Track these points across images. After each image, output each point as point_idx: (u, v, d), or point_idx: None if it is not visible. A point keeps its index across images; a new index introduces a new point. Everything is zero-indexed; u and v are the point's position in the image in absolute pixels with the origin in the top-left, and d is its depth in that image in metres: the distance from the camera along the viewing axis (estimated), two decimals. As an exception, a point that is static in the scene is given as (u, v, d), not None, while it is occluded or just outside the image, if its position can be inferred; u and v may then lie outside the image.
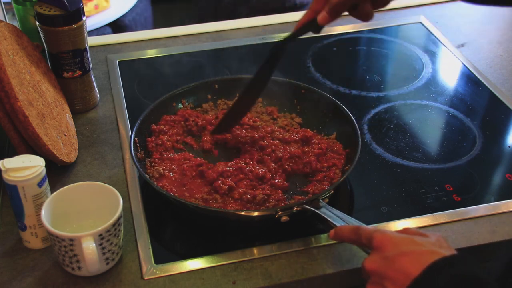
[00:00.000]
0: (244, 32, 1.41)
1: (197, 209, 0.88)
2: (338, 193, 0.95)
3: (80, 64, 1.08)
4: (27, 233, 0.84)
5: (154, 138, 1.01)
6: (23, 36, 1.02)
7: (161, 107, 1.06)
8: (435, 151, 1.06)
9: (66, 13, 1.01)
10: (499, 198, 0.95)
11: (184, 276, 0.82)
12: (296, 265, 0.84)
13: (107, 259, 0.80)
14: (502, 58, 1.31)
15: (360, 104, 1.17)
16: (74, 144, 1.02)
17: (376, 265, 0.68)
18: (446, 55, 1.34)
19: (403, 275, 0.64)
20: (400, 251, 0.67)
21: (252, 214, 0.86)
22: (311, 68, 1.29)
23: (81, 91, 1.12)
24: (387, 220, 0.91)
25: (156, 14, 2.64)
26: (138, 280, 0.81)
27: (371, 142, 1.07)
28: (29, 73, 0.97)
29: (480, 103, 1.18)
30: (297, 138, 1.01)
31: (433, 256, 0.64)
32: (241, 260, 0.84)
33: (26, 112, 0.88)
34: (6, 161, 0.80)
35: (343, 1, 0.83)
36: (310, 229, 0.89)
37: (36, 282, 0.81)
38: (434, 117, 1.15)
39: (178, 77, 1.25)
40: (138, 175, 0.98)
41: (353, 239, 0.75)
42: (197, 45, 1.36)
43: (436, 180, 0.99)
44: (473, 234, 0.89)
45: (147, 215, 0.91)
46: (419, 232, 0.71)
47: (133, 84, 1.22)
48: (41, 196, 0.81)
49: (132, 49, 1.34)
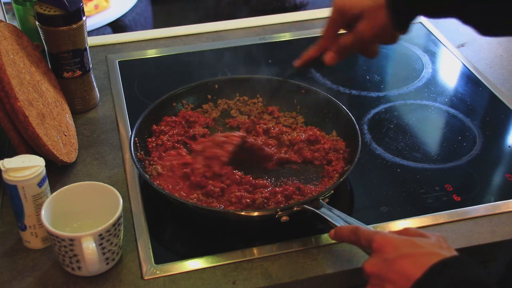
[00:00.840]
0: (244, 32, 1.41)
1: (197, 209, 0.88)
2: (338, 193, 0.95)
3: (80, 64, 1.08)
4: (27, 233, 0.84)
5: (155, 138, 1.01)
6: (23, 36, 1.02)
7: (161, 107, 1.06)
8: (435, 151, 1.06)
9: (66, 13, 1.01)
10: (499, 198, 0.95)
11: (184, 276, 0.82)
12: (296, 265, 0.83)
13: (107, 259, 0.80)
14: (502, 58, 1.31)
15: (360, 104, 1.17)
16: (74, 144, 1.02)
17: (377, 268, 0.68)
18: (446, 55, 1.34)
19: (403, 278, 0.64)
20: (400, 253, 0.67)
21: (252, 214, 0.86)
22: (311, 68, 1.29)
23: (81, 91, 1.12)
24: (387, 220, 0.91)
25: (156, 14, 2.64)
26: (138, 280, 0.81)
27: (371, 142, 1.07)
28: (29, 73, 0.97)
29: (480, 103, 1.18)
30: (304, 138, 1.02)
31: (434, 258, 0.64)
32: (241, 260, 0.84)
33: (26, 112, 0.88)
34: (6, 161, 0.80)
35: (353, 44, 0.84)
36: (310, 229, 0.89)
37: (36, 282, 0.81)
38: (434, 117, 1.15)
39: (178, 77, 1.25)
40: (138, 175, 0.98)
41: (353, 240, 0.75)
42: (197, 45, 1.36)
43: (436, 180, 0.99)
44: (473, 234, 0.89)
45: (147, 215, 0.91)
46: (419, 233, 0.71)
47: (133, 84, 1.22)
48: (41, 196, 0.81)
49: (132, 49, 1.34)
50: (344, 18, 0.84)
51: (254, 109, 1.11)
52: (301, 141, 1.02)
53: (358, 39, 0.83)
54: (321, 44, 0.88)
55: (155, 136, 1.02)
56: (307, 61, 0.90)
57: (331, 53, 0.86)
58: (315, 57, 0.89)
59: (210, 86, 1.11)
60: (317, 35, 1.41)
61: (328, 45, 0.87)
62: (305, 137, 1.02)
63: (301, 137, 1.02)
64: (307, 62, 0.90)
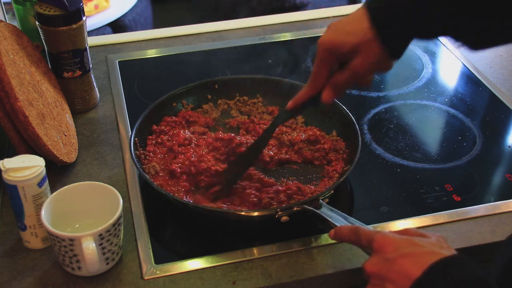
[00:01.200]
0: (244, 32, 1.41)
1: (197, 209, 0.88)
2: (338, 193, 0.95)
3: (80, 64, 1.08)
4: (27, 233, 0.84)
5: (155, 137, 1.01)
6: (23, 36, 1.02)
7: (161, 107, 1.06)
8: (435, 151, 1.06)
9: (66, 13, 1.01)
10: (499, 198, 0.95)
11: (184, 276, 0.82)
12: (296, 265, 0.83)
13: (107, 259, 0.80)
14: (502, 58, 1.31)
15: (360, 104, 1.17)
16: (74, 144, 1.02)
17: (377, 268, 0.68)
18: (446, 55, 1.34)
19: (403, 277, 0.64)
20: (400, 253, 0.67)
21: (252, 214, 0.86)
22: (311, 68, 1.29)
23: (81, 91, 1.12)
24: (387, 220, 0.91)
25: (156, 14, 2.64)
26: (138, 280, 0.81)
27: (371, 142, 1.07)
28: (29, 73, 0.97)
29: (480, 103, 1.18)
30: (304, 138, 1.02)
31: (433, 257, 0.64)
32: (241, 260, 0.84)
33: (26, 112, 0.88)
34: (6, 161, 0.80)
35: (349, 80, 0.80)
36: (310, 229, 0.89)
37: (36, 282, 0.81)
38: (434, 117, 1.15)
39: (178, 77, 1.25)
40: (138, 175, 0.98)
41: (353, 240, 0.75)
42: (197, 45, 1.36)
43: (436, 180, 0.99)
44: (473, 234, 0.89)
45: (147, 215, 0.91)
46: (419, 233, 0.71)
47: (133, 84, 1.22)
48: (41, 196, 0.81)
49: (132, 49, 1.34)
50: (333, 57, 0.79)
51: (254, 109, 1.11)
52: (301, 141, 1.02)
53: (353, 75, 0.79)
54: (314, 84, 0.84)
55: (155, 136, 1.02)
56: (300, 103, 0.87)
57: (327, 92, 0.82)
58: (309, 98, 0.85)
59: (210, 86, 1.11)
60: (317, 35, 1.42)
61: (321, 84, 0.83)
62: (305, 137, 1.02)
63: (301, 137, 1.02)
64: (303, 104, 0.87)
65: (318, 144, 1.01)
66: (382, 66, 0.79)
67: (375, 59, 0.77)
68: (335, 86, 0.82)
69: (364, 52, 0.76)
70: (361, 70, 0.78)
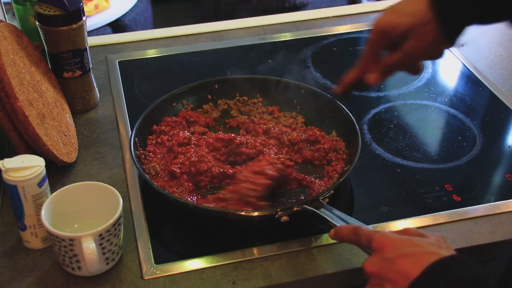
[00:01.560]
0: (244, 32, 1.41)
1: (197, 209, 0.88)
2: (338, 193, 0.95)
3: (80, 64, 1.08)
4: (27, 233, 0.84)
5: (155, 137, 1.01)
6: (23, 36, 1.02)
7: (161, 107, 1.06)
8: (435, 151, 1.06)
9: (66, 13, 1.01)
10: (499, 198, 0.95)
11: (184, 276, 0.82)
12: (296, 265, 0.84)
13: (107, 259, 0.80)
14: (502, 58, 1.31)
15: (360, 104, 1.17)
16: (74, 144, 1.02)
17: (376, 267, 0.68)
18: (446, 55, 1.33)
19: (402, 277, 0.64)
20: (400, 252, 0.67)
21: (252, 214, 0.86)
22: (311, 68, 1.29)
23: (81, 91, 1.12)
24: (387, 220, 0.91)
25: (156, 14, 2.64)
26: (138, 280, 0.81)
27: (371, 142, 1.07)
28: (29, 73, 0.97)
29: (480, 103, 1.18)
30: (304, 138, 1.02)
31: (432, 257, 0.64)
32: (241, 260, 0.84)
33: (26, 112, 0.88)
34: (6, 161, 0.80)
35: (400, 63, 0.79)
36: (310, 229, 0.89)
37: (36, 282, 0.81)
38: (434, 117, 1.15)
39: (178, 77, 1.25)
40: (138, 175, 0.98)
41: (353, 240, 0.75)
42: (197, 45, 1.36)
43: (436, 180, 0.99)
44: (473, 234, 0.89)
45: (147, 215, 0.91)
46: (419, 233, 0.71)
47: (133, 84, 1.22)
48: (41, 196, 0.81)
49: (132, 49, 1.34)
50: (387, 39, 0.78)
51: (254, 109, 1.11)
52: (301, 141, 1.02)
53: (406, 59, 0.78)
54: (362, 66, 0.83)
55: (155, 136, 1.02)
56: (348, 85, 0.86)
57: (375, 74, 0.82)
58: (356, 80, 0.85)
59: (210, 86, 1.11)
60: (317, 35, 1.42)
61: (370, 67, 0.82)
62: (305, 137, 1.02)
63: (301, 137, 1.02)
64: (348, 87, 0.86)
65: (318, 144, 1.01)
66: (435, 51, 0.78)
67: (430, 42, 0.75)
68: (384, 68, 0.80)
69: (420, 34, 0.74)
70: (414, 53, 0.77)
